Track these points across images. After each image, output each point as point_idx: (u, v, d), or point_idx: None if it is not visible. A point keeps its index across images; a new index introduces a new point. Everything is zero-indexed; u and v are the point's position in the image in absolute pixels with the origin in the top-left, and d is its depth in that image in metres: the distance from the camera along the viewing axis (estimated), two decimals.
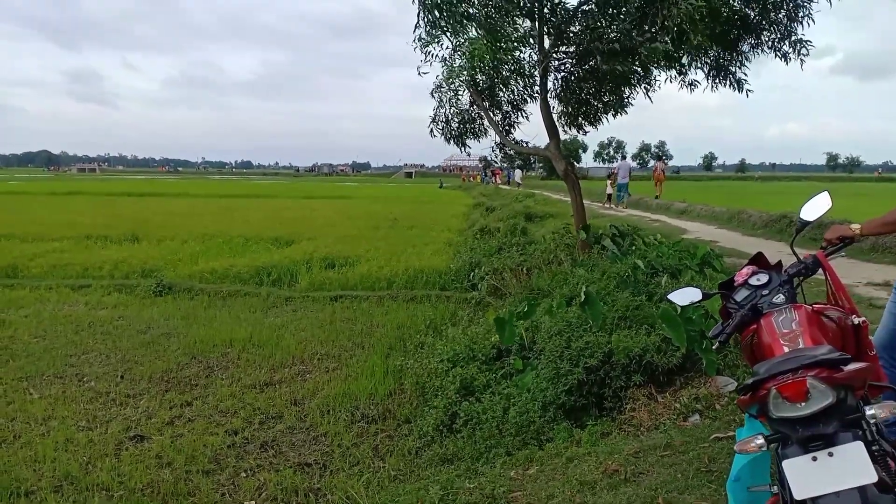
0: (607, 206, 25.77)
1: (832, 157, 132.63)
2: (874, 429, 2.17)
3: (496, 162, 53.61)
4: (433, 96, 11.11)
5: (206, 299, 11.12)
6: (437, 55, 10.05)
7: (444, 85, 10.84)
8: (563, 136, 11.27)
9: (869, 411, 2.03)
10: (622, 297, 6.23)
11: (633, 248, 8.99)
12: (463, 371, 6.42)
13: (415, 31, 9.38)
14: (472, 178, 72.52)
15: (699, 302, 2.96)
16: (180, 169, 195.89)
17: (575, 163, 60.64)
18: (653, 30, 8.29)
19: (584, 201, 11.56)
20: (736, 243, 12.37)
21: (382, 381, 7.03)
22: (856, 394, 2.10)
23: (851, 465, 1.91)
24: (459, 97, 11.11)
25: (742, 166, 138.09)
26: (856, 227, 2.95)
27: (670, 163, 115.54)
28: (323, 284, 12.06)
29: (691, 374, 5.06)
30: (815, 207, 2.90)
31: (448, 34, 9.30)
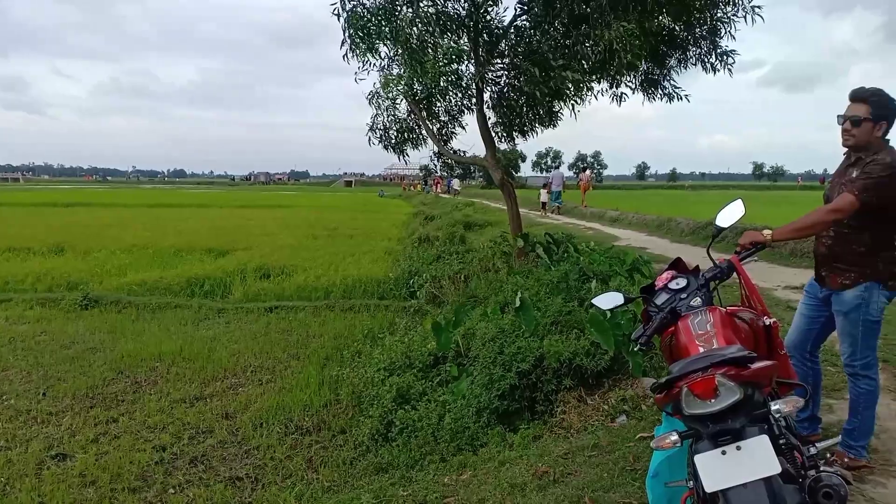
0: (543, 214, 26.18)
1: (758, 167, 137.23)
2: (782, 423, 2.28)
3: (436, 171, 53.91)
4: (371, 104, 11.06)
5: (134, 312, 10.75)
6: (374, 64, 10.04)
7: (382, 93, 10.81)
8: (499, 146, 11.39)
9: (774, 406, 2.14)
10: (554, 303, 6.35)
11: (567, 255, 9.17)
12: (399, 379, 6.40)
13: (341, 47, 9.32)
14: (413, 188, 72.41)
15: (622, 306, 3.06)
16: (109, 178, 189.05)
17: (514, 172, 61.43)
18: (577, 48, 8.44)
19: (522, 210, 11.71)
20: (664, 249, 12.76)
21: (318, 392, 6.94)
22: (763, 390, 2.20)
23: (757, 457, 2.00)
24: (397, 106, 11.08)
25: (673, 175, 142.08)
26: (767, 232, 3.08)
27: (605, 172, 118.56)
28: (258, 295, 11.84)
29: (619, 377, 5.20)
30: (730, 214, 3.04)
31: (375, 51, 9.29)
